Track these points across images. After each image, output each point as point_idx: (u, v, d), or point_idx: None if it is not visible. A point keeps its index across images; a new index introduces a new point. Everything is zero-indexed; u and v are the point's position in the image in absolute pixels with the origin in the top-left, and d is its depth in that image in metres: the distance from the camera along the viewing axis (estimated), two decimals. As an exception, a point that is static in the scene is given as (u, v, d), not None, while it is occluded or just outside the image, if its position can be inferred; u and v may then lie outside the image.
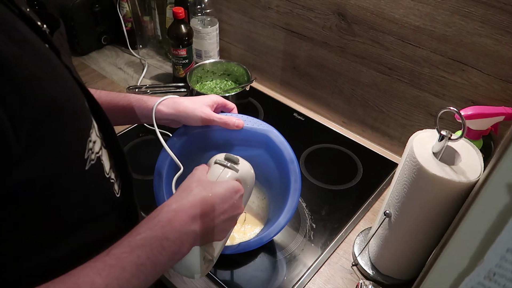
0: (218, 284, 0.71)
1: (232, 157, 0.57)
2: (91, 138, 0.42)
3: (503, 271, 0.34)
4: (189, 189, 0.49)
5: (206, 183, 0.51)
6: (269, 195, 0.82)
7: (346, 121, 1.06)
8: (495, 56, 0.73)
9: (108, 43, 1.33)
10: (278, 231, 0.67)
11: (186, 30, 1.07)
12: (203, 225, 0.47)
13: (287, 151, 0.71)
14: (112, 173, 0.48)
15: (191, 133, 0.72)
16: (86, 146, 0.41)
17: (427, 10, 0.77)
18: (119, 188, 0.51)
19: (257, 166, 0.62)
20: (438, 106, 0.85)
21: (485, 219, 0.35)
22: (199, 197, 0.48)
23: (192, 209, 0.46)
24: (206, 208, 0.48)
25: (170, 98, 0.68)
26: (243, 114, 0.73)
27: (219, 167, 0.55)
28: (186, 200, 0.47)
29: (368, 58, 0.91)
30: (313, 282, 0.72)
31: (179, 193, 0.49)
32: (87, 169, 0.41)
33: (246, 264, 0.74)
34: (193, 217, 0.46)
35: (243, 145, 0.74)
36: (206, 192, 0.49)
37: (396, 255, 0.68)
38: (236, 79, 1.09)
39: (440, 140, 0.55)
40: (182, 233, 0.45)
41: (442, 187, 0.54)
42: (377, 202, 0.87)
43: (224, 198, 0.50)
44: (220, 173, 0.55)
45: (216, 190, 0.50)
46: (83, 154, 0.40)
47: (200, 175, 0.53)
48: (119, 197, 0.50)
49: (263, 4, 1.05)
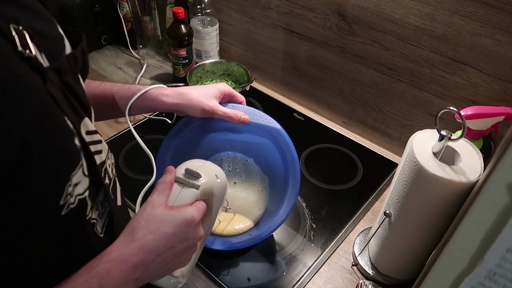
0: (218, 284, 0.71)
1: (192, 171, 0.52)
2: (71, 182, 0.38)
3: (503, 271, 0.34)
4: (133, 233, 0.46)
5: (155, 221, 0.47)
6: (269, 188, 0.81)
7: (346, 121, 1.06)
8: (495, 56, 0.73)
9: (108, 43, 1.33)
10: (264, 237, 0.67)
11: (186, 30, 1.07)
12: (146, 270, 0.45)
13: (290, 152, 0.70)
14: (96, 211, 0.44)
15: (196, 121, 0.72)
16: (63, 192, 0.37)
17: (427, 10, 0.77)
18: (103, 226, 0.47)
19: (263, 154, 0.61)
20: (438, 106, 0.85)
21: (485, 219, 0.35)
22: (141, 243, 0.45)
23: (132, 257, 0.44)
24: (149, 255, 0.45)
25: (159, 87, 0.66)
26: (250, 107, 0.72)
27: (177, 187, 0.51)
28: (127, 248, 0.44)
29: (368, 58, 0.91)
30: (313, 282, 0.72)
31: (122, 237, 0.46)
32: (64, 214, 0.38)
33: (246, 264, 0.74)
34: (134, 266, 0.43)
35: (250, 132, 0.73)
36: (151, 236, 0.45)
37: (396, 255, 0.68)
38: (236, 79, 1.09)
39: (440, 140, 0.55)
40: (121, 283, 0.43)
41: (442, 187, 0.54)
42: (377, 202, 0.87)
43: (173, 237, 0.47)
44: (178, 195, 0.51)
45: (164, 230, 0.46)
46: (59, 200, 0.37)
47: (153, 207, 0.49)
48: (102, 237, 0.46)
49: (263, 4, 1.05)
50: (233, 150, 0.77)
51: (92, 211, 0.43)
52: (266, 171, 0.81)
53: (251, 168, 0.79)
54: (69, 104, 0.39)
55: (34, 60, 0.35)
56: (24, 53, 0.34)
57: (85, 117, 0.42)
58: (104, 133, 1.00)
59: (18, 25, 0.35)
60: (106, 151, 0.47)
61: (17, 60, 0.33)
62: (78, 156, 0.39)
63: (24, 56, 0.34)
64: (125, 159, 0.93)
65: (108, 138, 0.99)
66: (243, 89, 1.03)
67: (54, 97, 0.36)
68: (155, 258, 0.45)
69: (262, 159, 0.61)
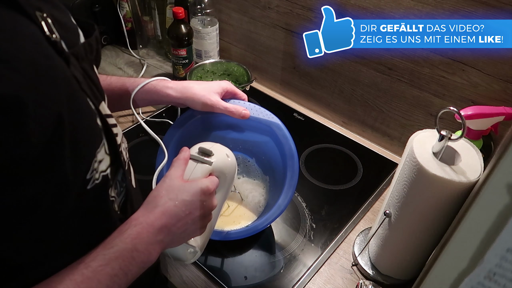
0: (218, 284, 0.71)
1: (205, 149, 0.57)
2: (96, 158, 0.41)
3: (503, 271, 0.34)
4: (155, 200, 0.50)
5: (174, 190, 0.52)
6: (270, 185, 0.81)
7: (346, 121, 1.06)
8: (495, 56, 0.73)
9: (108, 43, 1.33)
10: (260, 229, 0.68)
11: (186, 30, 1.07)
12: (169, 234, 0.49)
13: (288, 145, 0.71)
14: (115, 190, 0.49)
15: (199, 115, 0.73)
16: (90, 166, 0.40)
17: (427, 10, 0.77)
18: (120, 204, 0.51)
19: (264, 153, 0.63)
20: (438, 106, 0.85)
21: (485, 219, 0.35)
22: (163, 209, 0.49)
23: (157, 221, 0.48)
24: (171, 219, 0.49)
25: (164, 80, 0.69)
26: (251, 103, 0.73)
27: (192, 163, 0.56)
28: (152, 213, 0.49)
29: (368, 58, 0.91)
30: (313, 282, 0.72)
31: (145, 205, 0.51)
32: (89, 188, 0.41)
33: (246, 264, 0.74)
34: (159, 229, 0.48)
35: (251, 130, 0.75)
36: (171, 202, 0.50)
37: (396, 255, 0.68)
38: (236, 79, 1.09)
39: (440, 140, 0.55)
40: (149, 244, 0.47)
41: (442, 187, 0.54)
42: (377, 202, 0.87)
43: (190, 204, 0.51)
44: (193, 170, 0.55)
45: (182, 198, 0.51)
46: (86, 174, 0.40)
47: (172, 179, 0.53)
48: (119, 214, 0.50)
49: (263, 4, 1.05)
50: (236, 150, 0.78)
51: (111, 189, 0.47)
52: (267, 171, 0.81)
53: (252, 169, 0.80)
54: (88, 87, 0.42)
55: (59, 45, 0.37)
56: (51, 37, 0.37)
57: (102, 100, 0.45)
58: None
59: (42, 13, 0.37)
60: (121, 135, 0.51)
61: (45, 44, 0.36)
62: (100, 135, 0.43)
63: (51, 40, 0.36)
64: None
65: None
66: (243, 89, 1.03)
67: (77, 79, 0.39)
68: (176, 223, 0.50)
69: (264, 158, 0.62)
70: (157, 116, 1.05)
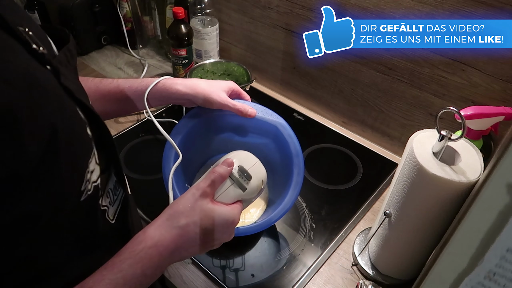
0: (218, 283, 0.71)
1: (246, 172, 0.56)
2: (89, 169, 0.40)
3: (503, 271, 0.34)
4: (177, 217, 0.49)
5: (200, 213, 0.50)
6: (270, 185, 0.81)
7: (346, 121, 1.06)
8: (495, 56, 0.73)
9: (108, 43, 1.33)
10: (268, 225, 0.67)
11: (186, 30, 1.07)
12: (180, 256, 0.49)
13: (294, 144, 0.72)
14: (106, 198, 0.47)
15: (204, 115, 0.73)
16: (83, 178, 0.39)
17: (427, 10, 0.77)
18: (115, 213, 0.49)
19: (264, 155, 0.63)
20: (438, 106, 0.85)
21: (485, 219, 0.35)
22: (182, 232, 0.48)
23: (172, 244, 0.48)
24: (185, 244, 0.49)
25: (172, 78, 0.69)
26: (256, 103, 0.74)
27: (228, 182, 0.55)
28: (169, 234, 0.48)
29: (368, 58, 0.91)
30: (313, 282, 0.72)
31: (164, 219, 0.49)
32: (82, 200, 0.40)
33: (246, 264, 0.74)
34: (172, 252, 0.48)
35: (253, 132, 0.75)
36: (193, 228, 0.49)
37: (396, 255, 0.68)
38: (236, 79, 1.09)
39: (440, 140, 0.55)
40: (159, 267, 0.47)
41: (442, 187, 0.54)
42: (377, 202, 0.87)
43: (210, 234, 0.50)
44: (225, 190, 0.54)
45: (205, 225, 0.50)
46: (80, 186, 0.39)
47: (202, 198, 0.51)
48: (114, 223, 0.49)
49: (263, 4, 1.05)
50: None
51: (102, 198, 0.46)
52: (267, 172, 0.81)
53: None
54: (80, 95, 0.41)
55: (46, 56, 0.37)
56: (38, 50, 0.36)
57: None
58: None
59: (24, 28, 0.37)
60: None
61: (32, 57, 0.36)
62: (91, 144, 0.42)
63: (38, 53, 0.36)
64: (125, 159, 0.93)
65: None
66: (243, 89, 1.02)
67: (69, 89, 0.39)
68: (189, 248, 0.49)
69: (263, 160, 0.62)
70: (157, 116, 1.05)
